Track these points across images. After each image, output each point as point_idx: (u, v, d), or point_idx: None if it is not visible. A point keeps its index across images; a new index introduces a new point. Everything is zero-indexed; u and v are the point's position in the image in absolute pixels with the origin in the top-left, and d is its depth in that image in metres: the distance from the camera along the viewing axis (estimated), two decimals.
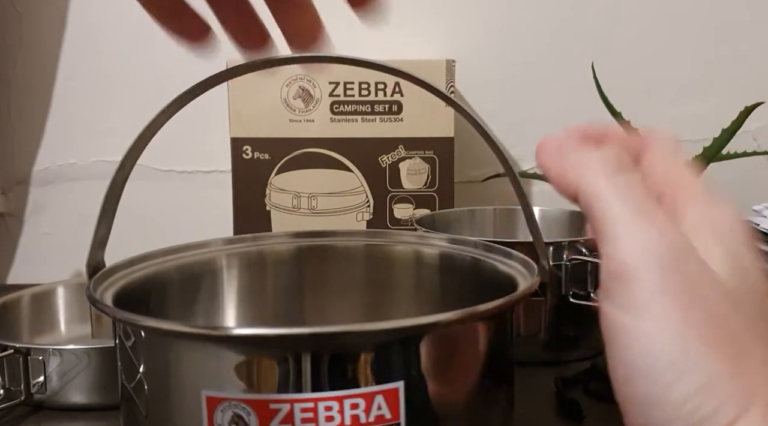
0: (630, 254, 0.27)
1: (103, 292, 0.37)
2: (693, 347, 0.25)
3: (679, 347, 0.26)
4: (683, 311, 0.26)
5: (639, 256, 0.27)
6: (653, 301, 0.26)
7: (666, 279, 0.26)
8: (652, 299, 0.26)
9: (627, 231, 0.27)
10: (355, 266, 0.51)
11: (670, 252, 0.27)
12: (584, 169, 0.29)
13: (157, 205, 0.92)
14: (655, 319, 0.26)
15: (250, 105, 0.78)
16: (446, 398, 0.33)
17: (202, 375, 0.31)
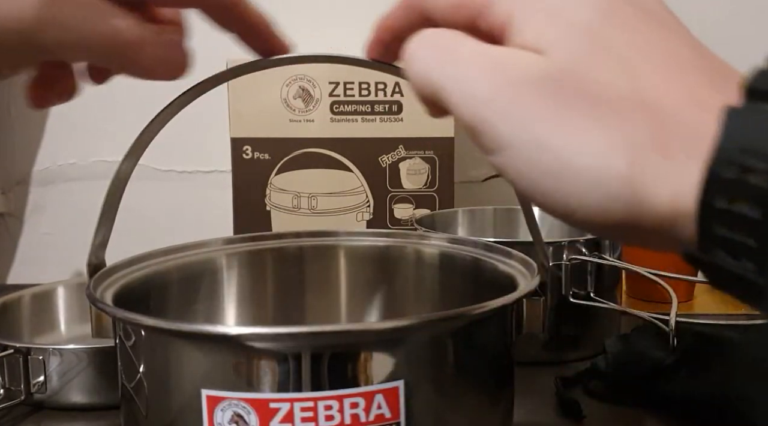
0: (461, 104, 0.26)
1: (103, 292, 0.37)
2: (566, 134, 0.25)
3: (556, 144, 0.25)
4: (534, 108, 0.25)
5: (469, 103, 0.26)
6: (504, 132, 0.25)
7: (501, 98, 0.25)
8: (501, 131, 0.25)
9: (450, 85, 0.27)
10: (355, 266, 0.51)
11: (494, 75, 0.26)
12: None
13: (157, 205, 0.92)
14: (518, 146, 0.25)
15: (250, 105, 0.78)
16: (446, 398, 0.33)
17: (202, 374, 0.31)
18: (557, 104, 0.25)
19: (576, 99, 0.25)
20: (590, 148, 0.24)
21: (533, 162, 0.25)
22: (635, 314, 0.59)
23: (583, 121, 0.25)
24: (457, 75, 0.27)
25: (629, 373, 0.53)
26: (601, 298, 0.61)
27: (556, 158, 0.25)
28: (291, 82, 0.77)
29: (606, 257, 0.62)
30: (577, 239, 0.61)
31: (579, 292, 0.61)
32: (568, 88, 0.25)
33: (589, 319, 0.63)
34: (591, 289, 0.61)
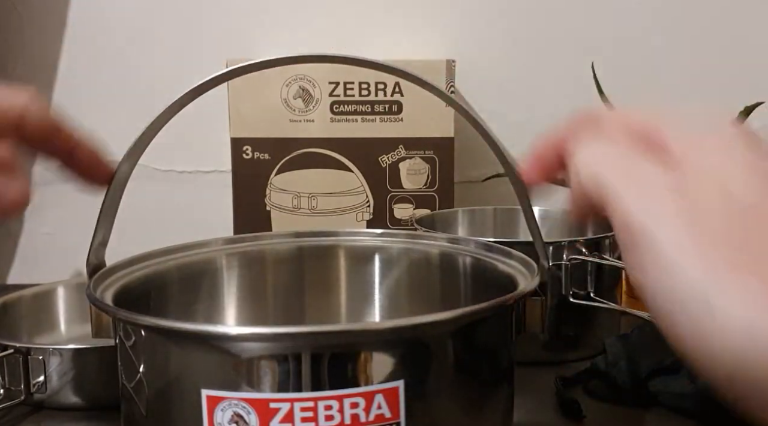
0: (629, 205, 0.27)
1: (103, 292, 0.37)
2: (717, 271, 0.25)
3: (701, 275, 0.25)
4: (697, 240, 0.25)
5: (638, 205, 0.27)
6: (665, 243, 0.26)
7: (671, 214, 0.26)
8: (663, 241, 0.26)
9: (621, 184, 0.28)
10: (355, 266, 0.51)
11: (667, 197, 0.26)
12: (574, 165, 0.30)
13: (157, 205, 0.92)
14: (670, 259, 0.26)
15: (250, 105, 0.78)
16: (446, 397, 0.33)
17: (202, 374, 0.31)
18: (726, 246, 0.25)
19: (740, 243, 0.25)
20: (745, 288, 0.24)
21: (681, 291, 0.25)
22: (635, 314, 0.59)
23: (749, 278, 0.24)
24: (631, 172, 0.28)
25: (629, 373, 0.53)
26: (601, 298, 0.61)
27: (706, 293, 0.25)
28: (291, 82, 0.77)
29: (606, 257, 0.62)
30: (577, 239, 0.61)
31: (579, 292, 0.61)
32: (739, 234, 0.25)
33: (589, 319, 0.63)
34: (591, 289, 0.61)
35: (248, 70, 0.37)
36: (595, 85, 0.74)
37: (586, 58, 0.76)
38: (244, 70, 0.37)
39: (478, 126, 0.37)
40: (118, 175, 0.38)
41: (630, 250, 0.27)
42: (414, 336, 0.32)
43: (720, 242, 0.25)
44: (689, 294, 0.25)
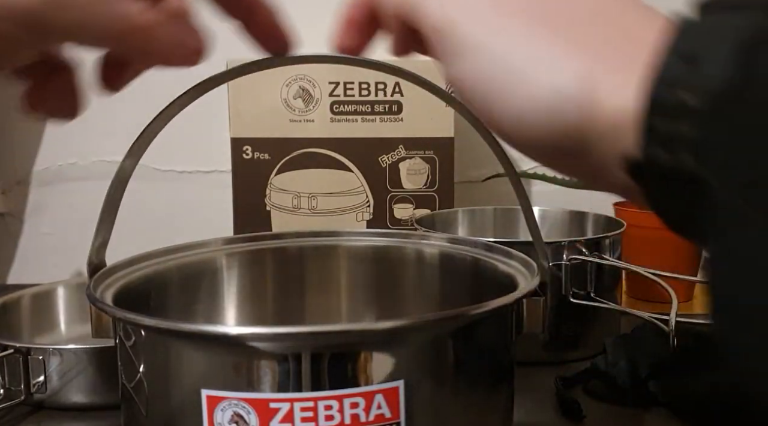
0: (437, 7, 0.28)
1: (103, 292, 0.37)
2: (527, 48, 0.26)
3: (514, 56, 0.26)
4: (505, 24, 0.27)
5: (445, 5, 0.28)
6: (475, 33, 0.27)
7: (477, 6, 0.27)
8: (473, 32, 0.27)
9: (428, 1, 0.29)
10: (355, 266, 0.51)
11: None
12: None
13: (157, 205, 0.92)
14: (484, 48, 0.27)
15: (250, 105, 0.78)
16: (446, 397, 0.33)
17: (202, 374, 0.31)
18: (528, 18, 0.27)
19: (541, 15, 0.27)
20: (548, 55, 0.26)
21: (495, 66, 0.27)
22: (635, 314, 0.59)
23: (546, 33, 0.26)
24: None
25: (629, 373, 0.53)
26: (601, 298, 0.61)
27: (517, 64, 0.26)
28: (291, 82, 0.77)
29: (606, 257, 0.62)
30: (578, 239, 0.61)
31: (579, 292, 0.61)
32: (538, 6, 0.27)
33: (589, 319, 0.63)
34: (591, 289, 0.61)
35: (248, 70, 0.37)
36: None
37: None
38: (244, 70, 0.37)
39: (478, 126, 0.37)
40: (119, 174, 0.38)
41: (443, 50, 0.28)
42: (414, 336, 0.32)
43: (523, 16, 0.27)
44: (501, 69, 0.27)
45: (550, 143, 0.27)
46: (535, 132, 0.27)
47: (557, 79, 0.26)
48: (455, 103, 0.38)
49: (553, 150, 0.27)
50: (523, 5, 0.27)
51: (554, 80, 0.26)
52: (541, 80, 0.26)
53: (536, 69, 0.26)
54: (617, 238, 0.64)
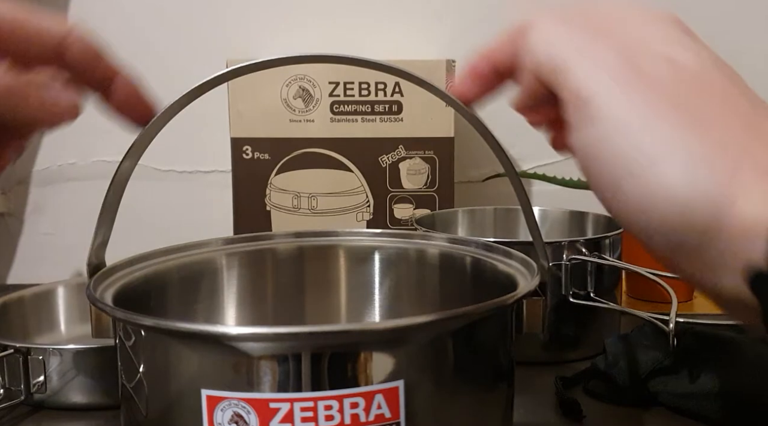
0: (582, 76, 0.28)
1: (103, 292, 0.37)
2: (663, 132, 0.26)
3: (649, 137, 0.26)
4: (645, 104, 0.27)
5: (591, 75, 0.28)
6: (615, 106, 0.27)
7: (622, 83, 0.27)
8: (613, 104, 0.27)
9: (575, 57, 0.29)
10: (355, 266, 0.51)
11: (618, 59, 0.28)
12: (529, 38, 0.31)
13: (157, 205, 0.92)
14: (620, 121, 0.27)
15: (250, 105, 0.78)
16: (446, 397, 0.33)
17: (202, 374, 0.31)
18: (673, 104, 0.27)
19: (685, 103, 0.27)
20: (689, 146, 0.26)
21: (627, 142, 0.26)
22: (635, 314, 0.59)
23: (689, 122, 0.26)
24: (584, 48, 0.29)
25: (629, 373, 0.53)
26: (601, 298, 0.61)
27: (653, 146, 0.26)
28: (291, 82, 0.77)
29: (606, 257, 0.62)
30: (577, 239, 0.61)
31: (579, 292, 0.61)
32: (685, 92, 0.27)
33: (589, 319, 0.63)
34: (591, 289, 0.61)
35: (248, 70, 0.37)
36: None
37: None
38: (244, 70, 0.37)
39: (478, 126, 0.37)
40: (119, 174, 0.38)
41: (579, 120, 0.28)
42: (414, 336, 0.32)
43: (666, 107, 0.27)
44: (633, 146, 0.26)
45: (669, 233, 0.26)
46: (656, 219, 0.26)
47: (696, 173, 0.25)
48: (455, 103, 0.38)
49: (668, 240, 0.27)
50: (670, 90, 0.27)
51: (693, 173, 0.25)
52: (677, 169, 0.25)
53: (673, 156, 0.26)
54: (617, 238, 0.64)
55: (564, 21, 0.30)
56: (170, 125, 0.38)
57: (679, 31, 0.30)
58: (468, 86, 0.36)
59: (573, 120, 0.29)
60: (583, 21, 0.30)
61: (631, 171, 0.26)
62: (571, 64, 0.29)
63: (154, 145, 0.39)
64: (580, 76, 0.28)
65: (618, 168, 0.27)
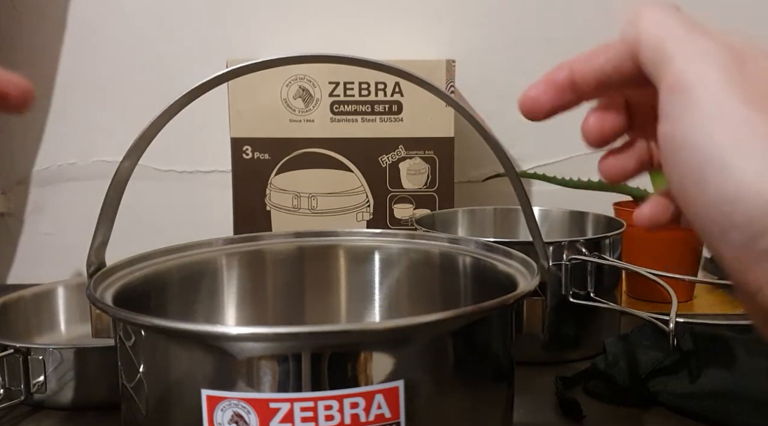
0: (687, 62, 0.28)
1: (103, 292, 0.37)
2: (761, 130, 0.26)
3: (745, 133, 0.26)
4: (744, 102, 0.27)
5: (696, 65, 0.28)
6: (717, 96, 0.27)
7: (725, 77, 0.27)
8: (712, 98, 0.27)
9: (683, 46, 0.29)
10: (355, 266, 0.51)
11: (723, 54, 0.28)
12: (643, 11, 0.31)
13: (157, 205, 0.92)
14: (720, 112, 0.27)
15: (250, 105, 0.78)
16: (446, 397, 0.33)
17: (202, 374, 0.31)
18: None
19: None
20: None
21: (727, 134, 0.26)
22: (635, 314, 0.59)
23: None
24: (693, 38, 0.29)
25: (629, 373, 0.53)
26: (601, 298, 0.61)
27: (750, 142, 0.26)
28: (291, 82, 0.77)
29: (606, 257, 0.62)
30: (577, 239, 0.61)
31: (579, 292, 0.61)
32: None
33: (589, 319, 0.63)
34: (591, 289, 0.61)
35: (248, 70, 0.37)
36: None
37: None
38: (244, 70, 0.37)
39: (478, 126, 0.37)
40: (119, 174, 0.38)
41: (676, 106, 0.28)
42: (414, 336, 0.32)
43: (761, 110, 0.26)
44: (732, 145, 0.26)
45: (747, 227, 0.26)
46: (739, 211, 0.26)
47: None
48: (455, 103, 0.38)
49: (745, 234, 0.26)
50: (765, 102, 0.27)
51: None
52: (758, 173, 0.25)
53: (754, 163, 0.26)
54: (617, 238, 0.64)
55: (677, 12, 0.31)
56: (170, 125, 0.38)
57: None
58: (538, 91, 0.35)
59: (667, 106, 0.29)
60: (694, 21, 0.31)
61: (724, 162, 0.26)
62: (678, 48, 0.29)
63: (154, 145, 0.39)
64: (685, 61, 0.28)
65: (708, 157, 0.27)
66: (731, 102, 0.27)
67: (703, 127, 0.27)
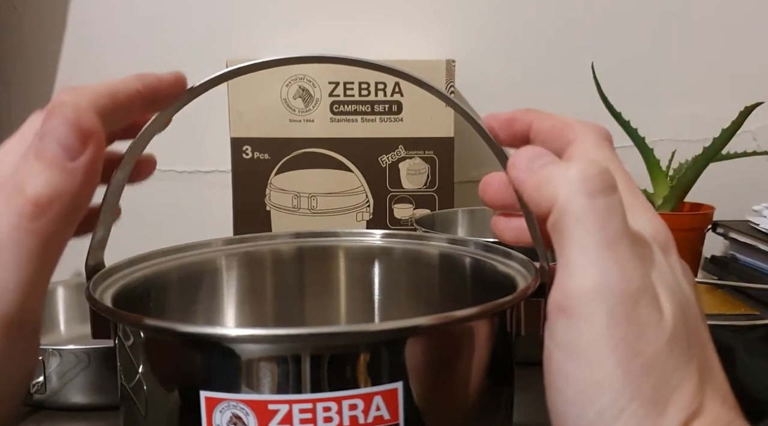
0: (580, 291, 0.26)
1: (102, 293, 0.37)
2: (625, 400, 0.26)
3: (611, 398, 0.26)
4: (624, 364, 0.26)
5: (589, 295, 0.26)
6: (595, 349, 0.26)
7: (612, 326, 0.26)
8: (594, 345, 0.26)
9: (585, 265, 0.27)
10: (355, 266, 0.51)
11: (622, 298, 0.26)
12: (563, 184, 0.28)
13: (157, 205, 0.92)
14: (593, 367, 0.26)
15: (250, 105, 0.78)
16: (445, 399, 0.33)
17: (201, 375, 0.31)
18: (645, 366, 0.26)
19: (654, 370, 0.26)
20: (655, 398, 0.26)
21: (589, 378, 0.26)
22: None
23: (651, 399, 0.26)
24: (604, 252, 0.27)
25: None
26: None
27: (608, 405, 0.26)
28: (291, 82, 0.77)
29: None
30: None
31: None
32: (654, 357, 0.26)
33: None
34: None
35: (248, 70, 0.37)
36: (595, 85, 0.74)
37: (586, 58, 0.76)
38: (244, 70, 0.37)
39: (478, 126, 0.37)
40: (117, 175, 0.38)
41: (558, 332, 0.28)
42: (413, 337, 0.32)
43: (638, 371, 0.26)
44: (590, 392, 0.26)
45: None
46: None
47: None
48: (455, 103, 0.37)
49: None
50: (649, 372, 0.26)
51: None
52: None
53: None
54: None
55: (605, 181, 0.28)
56: (170, 125, 0.38)
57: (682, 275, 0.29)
58: (499, 123, 0.36)
59: (553, 322, 0.28)
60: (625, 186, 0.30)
61: (579, 410, 0.26)
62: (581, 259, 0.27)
63: (154, 145, 0.39)
64: (580, 282, 0.27)
65: (571, 398, 0.27)
66: (609, 360, 0.26)
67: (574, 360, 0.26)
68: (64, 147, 0.29)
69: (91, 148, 0.29)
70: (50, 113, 0.29)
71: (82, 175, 0.29)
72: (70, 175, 0.29)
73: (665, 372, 0.26)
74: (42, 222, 0.28)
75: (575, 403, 0.26)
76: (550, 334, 0.28)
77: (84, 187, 0.29)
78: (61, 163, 0.29)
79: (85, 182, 0.29)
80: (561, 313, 0.27)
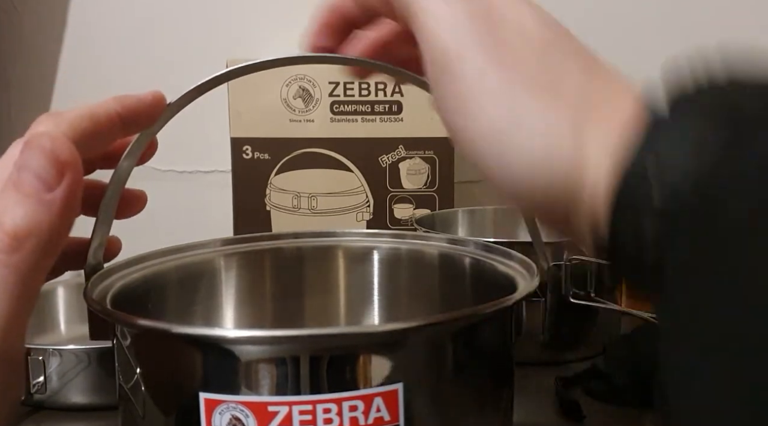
0: (443, 37, 0.28)
1: (101, 293, 0.37)
2: (521, 102, 0.27)
3: (506, 109, 0.27)
4: (506, 75, 0.27)
5: (450, 37, 0.28)
6: (478, 66, 0.27)
7: (484, 50, 0.27)
8: (475, 75, 0.27)
9: (434, 14, 0.28)
10: (355, 266, 0.51)
11: (478, 21, 0.28)
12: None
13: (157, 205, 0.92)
14: (484, 83, 0.27)
15: (250, 105, 0.78)
16: (445, 399, 0.33)
17: (200, 377, 0.31)
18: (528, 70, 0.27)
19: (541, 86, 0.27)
20: (546, 116, 0.26)
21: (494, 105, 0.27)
22: (635, 314, 0.59)
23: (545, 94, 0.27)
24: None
25: (629, 373, 0.53)
26: (601, 298, 0.61)
27: (512, 111, 0.27)
28: (291, 82, 0.77)
29: None
30: None
31: (579, 292, 0.60)
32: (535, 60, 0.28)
33: (589, 319, 0.63)
34: (591, 289, 0.61)
35: (248, 70, 0.37)
36: None
37: None
38: (244, 70, 0.37)
39: None
40: (117, 174, 0.38)
41: (440, 75, 0.28)
42: (413, 338, 0.32)
43: (522, 73, 0.27)
44: (494, 122, 0.27)
45: (536, 204, 0.28)
46: (523, 189, 0.27)
47: (553, 147, 0.26)
48: None
49: (538, 210, 0.28)
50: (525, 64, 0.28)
51: (547, 136, 0.26)
52: (537, 143, 0.26)
53: (533, 127, 0.26)
54: None
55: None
56: (170, 125, 0.38)
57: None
58: (322, 40, 0.37)
59: (433, 74, 0.29)
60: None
61: (489, 132, 0.27)
62: (431, 12, 0.29)
63: None
64: (441, 28, 0.28)
65: (476, 131, 0.27)
66: (493, 73, 0.27)
67: (470, 100, 0.28)
68: (41, 178, 0.29)
69: (68, 178, 0.29)
70: (27, 144, 0.30)
71: (60, 206, 0.29)
72: (48, 207, 0.29)
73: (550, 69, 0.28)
74: (19, 255, 0.28)
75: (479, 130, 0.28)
76: (436, 90, 0.29)
77: (62, 217, 0.29)
78: (37, 194, 0.29)
79: (62, 213, 0.29)
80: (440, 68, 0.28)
